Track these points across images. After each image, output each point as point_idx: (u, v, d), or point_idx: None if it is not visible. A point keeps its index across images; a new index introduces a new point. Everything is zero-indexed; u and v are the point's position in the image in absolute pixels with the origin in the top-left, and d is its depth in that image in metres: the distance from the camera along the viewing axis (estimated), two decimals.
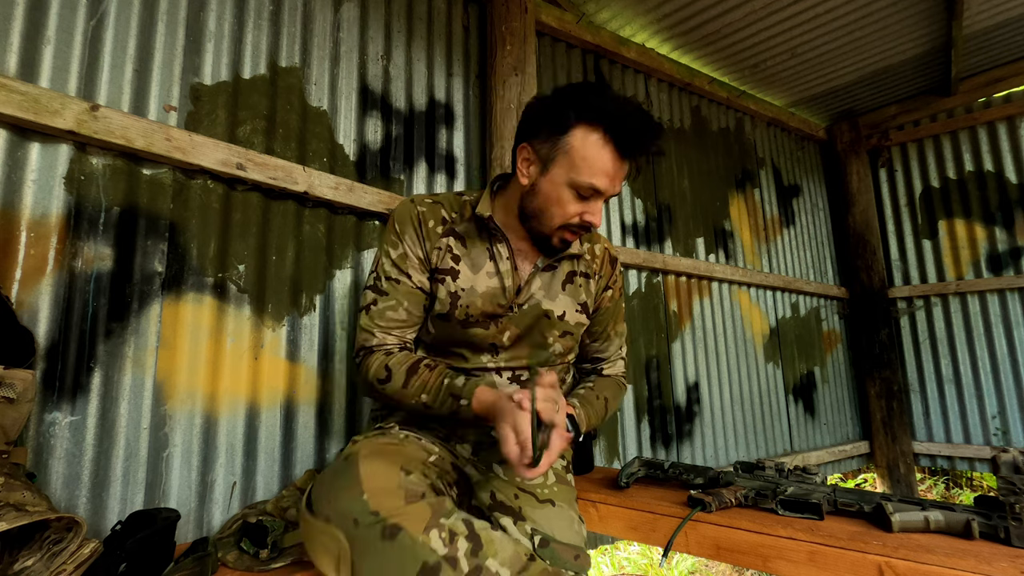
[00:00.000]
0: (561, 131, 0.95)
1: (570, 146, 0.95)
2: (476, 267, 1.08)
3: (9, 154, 1.12)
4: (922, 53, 2.83)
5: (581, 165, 0.95)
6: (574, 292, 1.15)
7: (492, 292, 1.07)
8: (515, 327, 1.09)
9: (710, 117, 3.06)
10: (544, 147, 0.98)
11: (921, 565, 0.93)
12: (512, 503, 1.00)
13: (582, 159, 0.95)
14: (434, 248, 1.08)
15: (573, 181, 0.96)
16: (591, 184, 0.96)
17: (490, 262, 1.09)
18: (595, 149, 0.94)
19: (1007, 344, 3.11)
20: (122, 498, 1.17)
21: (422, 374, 1.00)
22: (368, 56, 1.77)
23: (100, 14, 1.26)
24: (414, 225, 1.08)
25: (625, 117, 0.93)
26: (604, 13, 2.43)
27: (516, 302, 1.09)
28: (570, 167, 0.96)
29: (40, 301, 1.11)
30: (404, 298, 1.06)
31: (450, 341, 1.09)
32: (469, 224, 1.10)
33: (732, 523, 1.18)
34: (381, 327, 1.05)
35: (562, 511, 1.03)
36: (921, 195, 3.48)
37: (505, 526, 0.96)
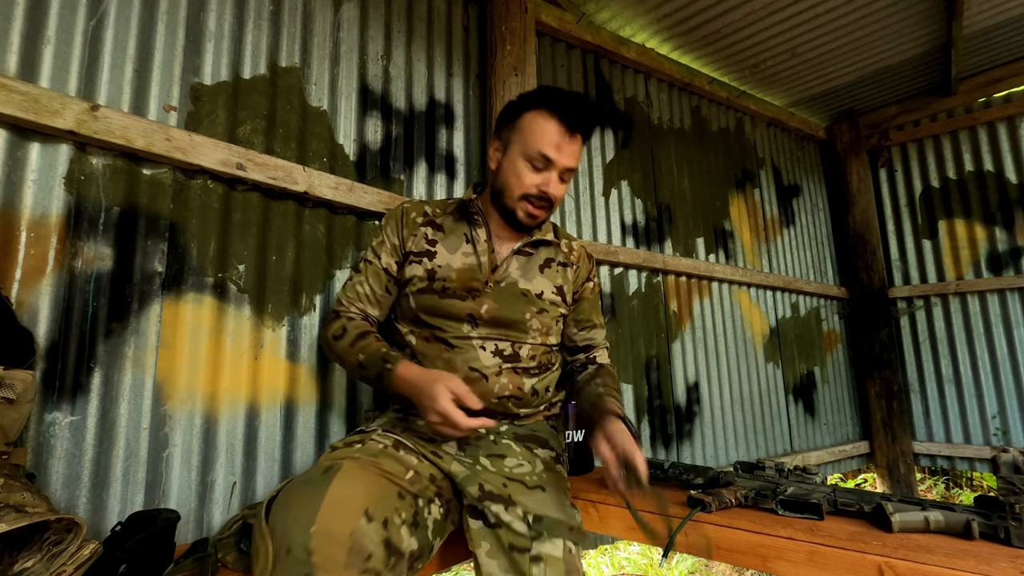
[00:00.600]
0: (515, 117, 1.17)
1: (522, 126, 1.15)
2: (452, 248, 1.22)
3: (9, 154, 1.12)
4: (922, 53, 2.83)
5: (530, 138, 1.13)
6: (551, 275, 1.27)
7: (468, 267, 1.20)
8: (492, 301, 1.19)
9: (710, 117, 3.06)
10: (504, 133, 1.20)
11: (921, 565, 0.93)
12: (501, 491, 1.01)
13: (531, 133, 1.14)
14: (411, 235, 1.23)
15: (526, 153, 1.14)
16: (540, 151, 1.12)
17: (467, 244, 1.23)
18: (540, 122, 1.13)
19: (1007, 344, 3.12)
20: (122, 498, 1.17)
21: (368, 340, 1.12)
22: (368, 56, 1.77)
23: (100, 14, 1.26)
24: (396, 218, 1.26)
25: (562, 95, 1.15)
26: (604, 13, 2.43)
27: (492, 279, 1.20)
28: (523, 143, 1.14)
29: (40, 301, 1.11)
30: (371, 276, 1.23)
31: (431, 311, 1.18)
32: (450, 215, 1.27)
33: (732, 523, 1.18)
34: (348, 298, 1.23)
35: (553, 495, 1.04)
36: (921, 195, 3.48)
37: (497, 513, 0.97)
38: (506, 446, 1.12)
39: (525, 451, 1.13)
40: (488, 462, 1.08)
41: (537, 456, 1.13)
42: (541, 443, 1.18)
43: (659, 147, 2.74)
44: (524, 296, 1.21)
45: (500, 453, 1.10)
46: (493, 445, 1.11)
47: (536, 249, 1.28)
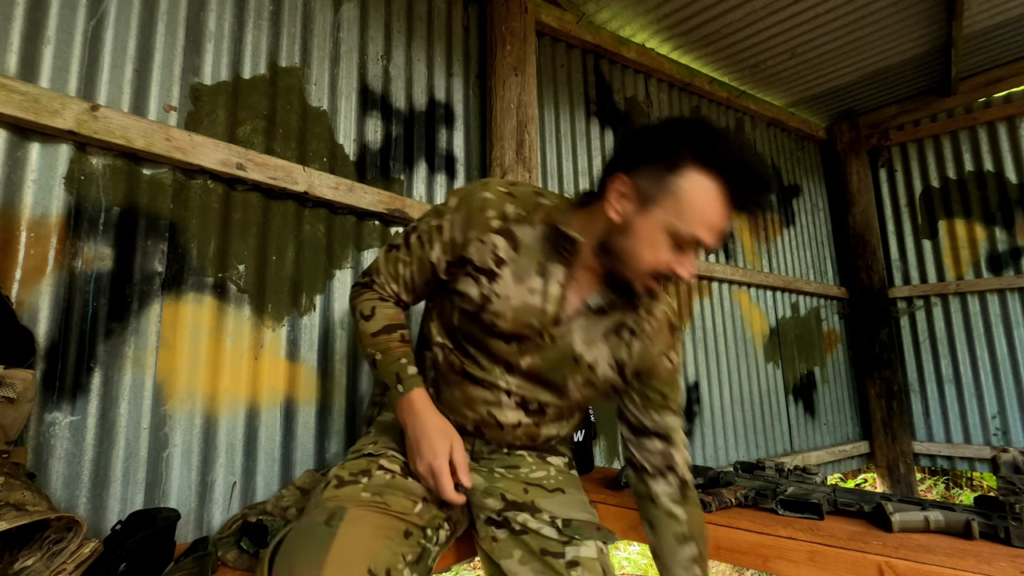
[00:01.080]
0: (670, 169, 0.84)
1: (679, 188, 0.83)
2: (519, 278, 0.97)
3: (9, 154, 1.12)
4: (922, 53, 2.83)
5: (688, 213, 0.84)
6: (615, 345, 1.02)
7: (527, 310, 0.97)
8: (537, 358, 1.00)
9: (710, 117, 3.06)
10: (646, 183, 0.86)
11: (921, 565, 0.93)
12: (524, 498, 1.01)
13: (690, 206, 0.83)
14: (478, 239, 0.97)
15: (674, 228, 0.84)
16: (694, 235, 0.84)
17: (538, 278, 0.97)
18: (707, 197, 0.83)
19: (1007, 344, 3.11)
20: (122, 498, 1.17)
21: (392, 338, 1.02)
22: (368, 56, 1.77)
23: (100, 14, 1.26)
24: (468, 207, 0.98)
25: (746, 168, 0.84)
26: (604, 13, 2.43)
27: (550, 332, 0.98)
28: (675, 212, 0.84)
29: (40, 301, 1.11)
30: (415, 263, 1.03)
31: (470, 339, 1.02)
32: (533, 229, 0.98)
33: (732, 523, 1.18)
34: (388, 273, 1.06)
35: (572, 496, 1.05)
36: (921, 195, 3.48)
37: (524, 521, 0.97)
38: (519, 457, 1.10)
39: (538, 460, 1.12)
40: (504, 470, 1.07)
41: (551, 464, 1.12)
42: (551, 451, 1.17)
43: None
44: (575, 362, 1.00)
45: (514, 464, 1.08)
46: (507, 457, 1.10)
47: (611, 306, 1.01)
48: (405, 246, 1.04)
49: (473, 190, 1.00)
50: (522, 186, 1.03)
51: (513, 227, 0.97)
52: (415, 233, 1.03)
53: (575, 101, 2.41)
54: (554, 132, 2.30)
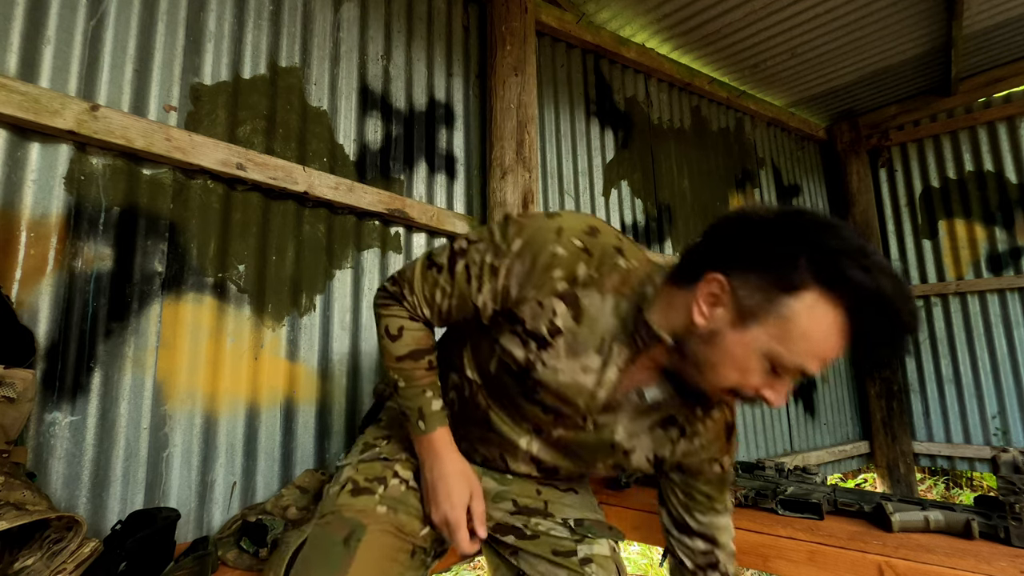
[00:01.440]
0: (784, 288, 0.67)
1: (792, 312, 0.67)
2: (574, 352, 0.83)
3: (9, 154, 1.12)
4: (922, 53, 2.83)
5: (798, 343, 0.68)
6: (659, 440, 0.91)
7: (576, 389, 0.84)
8: (572, 434, 0.91)
9: (710, 117, 3.06)
10: (749, 295, 0.70)
11: (921, 565, 0.93)
12: (536, 502, 1.00)
13: (802, 336, 0.68)
14: (535, 300, 0.81)
15: (776, 355, 0.70)
16: (800, 367, 0.70)
17: (595, 356, 0.83)
18: (826, 330, 0.68)
19: (1007, 344, 3.11)
20: (122, 498, 1.17)
21: (419, 365, 0.92)
22: (368, 56, 1.77)
23: (100, 14, 1.26)
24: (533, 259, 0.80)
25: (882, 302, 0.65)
26: (604, 13, 2.43)
27: (594, 418, 0.88)
28: (780, 338, 0.69)
29: (40, 301, 1.11)
30: (456, 296, 0.87)
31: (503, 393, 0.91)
32: (603, 298, 0.82)
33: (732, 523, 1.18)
34: (423, 294, 0.90)
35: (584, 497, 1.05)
36: (921, 195, 3.48)
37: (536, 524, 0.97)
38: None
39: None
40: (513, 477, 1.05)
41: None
42: None
43: (659, 147, 2.74)
44: (611, 448, 0.91)
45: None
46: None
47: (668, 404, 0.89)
48: (448, 272, 0.87)
49: (544, 240, 0.80)
50: (601, 237, 0.82)
51: (579, 292, 0.81)
52: (463, 259, 0.86)
53: (575, 101, 2.41)
54: (554, 132, 2.30)
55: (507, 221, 0.85)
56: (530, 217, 0.85)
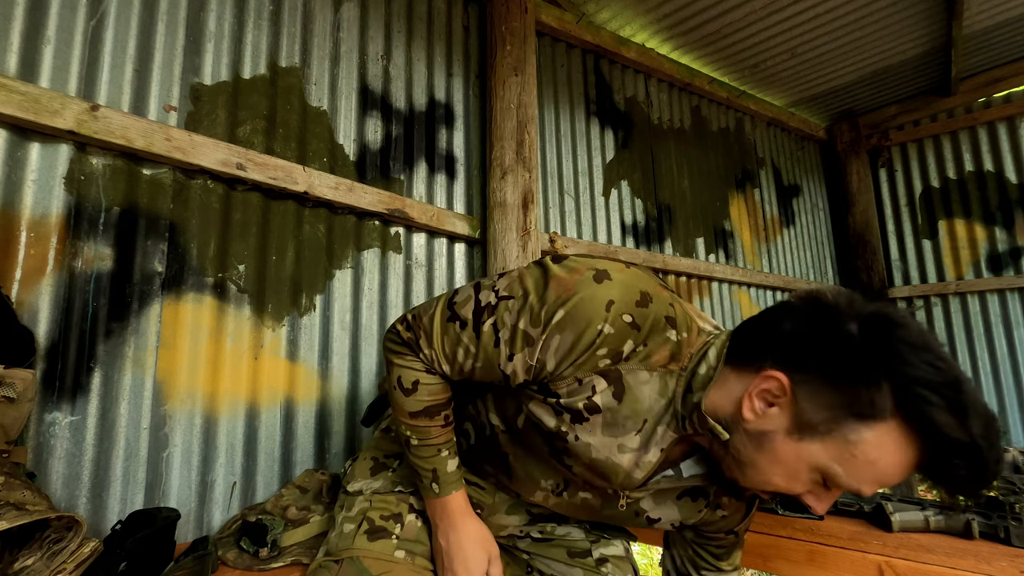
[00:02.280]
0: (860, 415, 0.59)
1: (861, 439, 0.59)
2: (612, 432, 0.74)
3: (9, 154, 1.12)
4: (922, 53, 2.83)
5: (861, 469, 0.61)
6: (684, 508, 0.85)
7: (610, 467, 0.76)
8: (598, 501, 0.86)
9: (710, 117, 3.06)
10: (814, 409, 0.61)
11: (921, 565, 0.93)
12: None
13: (867, 463, 0.60)
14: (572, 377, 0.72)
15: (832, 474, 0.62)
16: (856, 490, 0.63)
17: (636, 438, 0.74)
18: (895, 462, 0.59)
19: (1007, 344, 3.11)
20: (122, 498, 1.17)
21: (434, 423, 0.85)
22: (368, 56, 1.77)
23: (100, 14, 1.26)
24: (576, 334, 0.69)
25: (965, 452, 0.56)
26: (604, 13, 2.43)
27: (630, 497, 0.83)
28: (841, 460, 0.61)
29: (40, 301, 1.11)
30: (482, 359, 0.77)
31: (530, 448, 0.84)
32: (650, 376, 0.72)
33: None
34: (443, 353, 0.80)
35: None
36: (921, 195, 3.48)
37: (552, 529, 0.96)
38: None
39: None
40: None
41: None
42: None
43: (659, 147, 2.74)
44: (636, 516, 0.86)
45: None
46: None
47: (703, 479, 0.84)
48: (474, 330, 0.77)
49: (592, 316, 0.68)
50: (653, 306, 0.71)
51: (623, 368, 0.72)
52: (491, 318, 0.75)
53: (575, 101, 2.41)
54: (554, 132, 2.30)
55: (546, 277, 0.72)
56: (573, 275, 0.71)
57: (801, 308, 0.66)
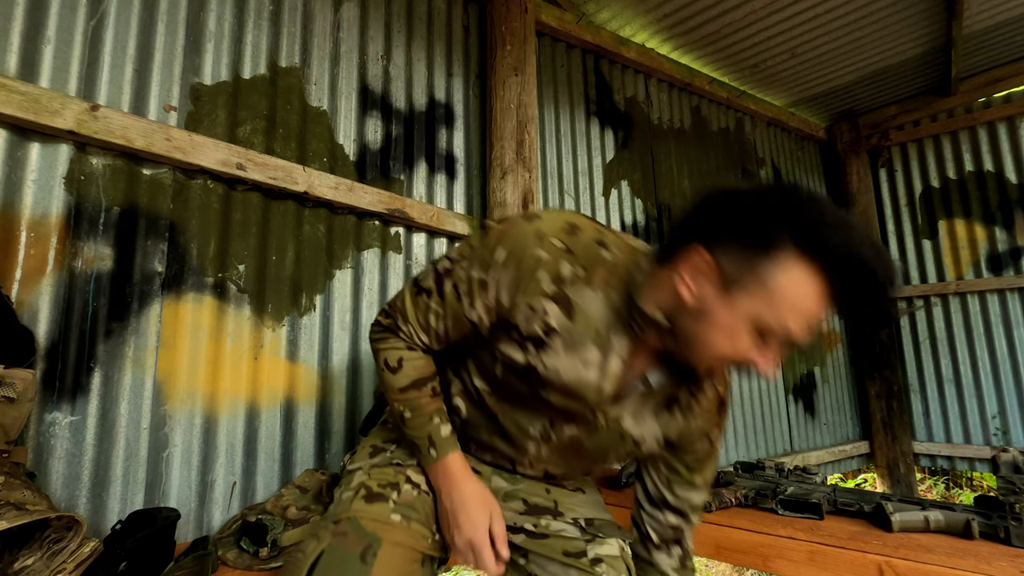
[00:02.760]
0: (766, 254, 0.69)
1: (774, 278, 0.69)
2: (572, 348, 0.84)
3: (9, 154, 1.12)
4: (922, 53, 2.83)
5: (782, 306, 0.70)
6: (665, 422, 0.93)
7: (581, 385, 0.85)
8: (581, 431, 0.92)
9: (710, 117, 3.06)
10: (732, 265, 0.71)
11: (921, 565, 0.93)
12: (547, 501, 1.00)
13: (785, 299, 0.70)
14: (526, 306, 0.83)
15: (762, 321, 0.71)
16: (785, 329, 0.71)
17: (594, 350, 0.84)
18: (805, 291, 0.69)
19: (1007, 344, 3.11)
20: (122, 498, 1.17)
21: (423, 393, 0.93)
22: (368, 56, 1.77)
23: (100, 14, 1.26)
24: (518, 267, 0.82)
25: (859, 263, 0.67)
26: (604, 13, 2.43)
27: (605, 411, 0.89)
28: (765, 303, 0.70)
29: (40, 301, 1.11)
30: (451, 316, 0.88)
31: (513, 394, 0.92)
32: (594, 293, 0.83)
33: (732, 523, 1.18)
34: (417, 322, 0.91)
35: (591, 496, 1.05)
36: (921, 195, 3.48)
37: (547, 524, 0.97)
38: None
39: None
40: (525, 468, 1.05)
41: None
42: None
43: (659, 147, 2.74)
44: (620, 438, 0.92)
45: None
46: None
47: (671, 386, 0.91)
48: (438, 294, 0.88)
49: (526, 246, 0.82)
50: (582, 234, 0.84)
51: (569, 291, 0.83)
52: (450, 279, 0.87)
53: (575, 101, 2.41)
54: (554, 132, 2.30)
55: (486, 232, 0.86)
56: (508, 224, 0.85)
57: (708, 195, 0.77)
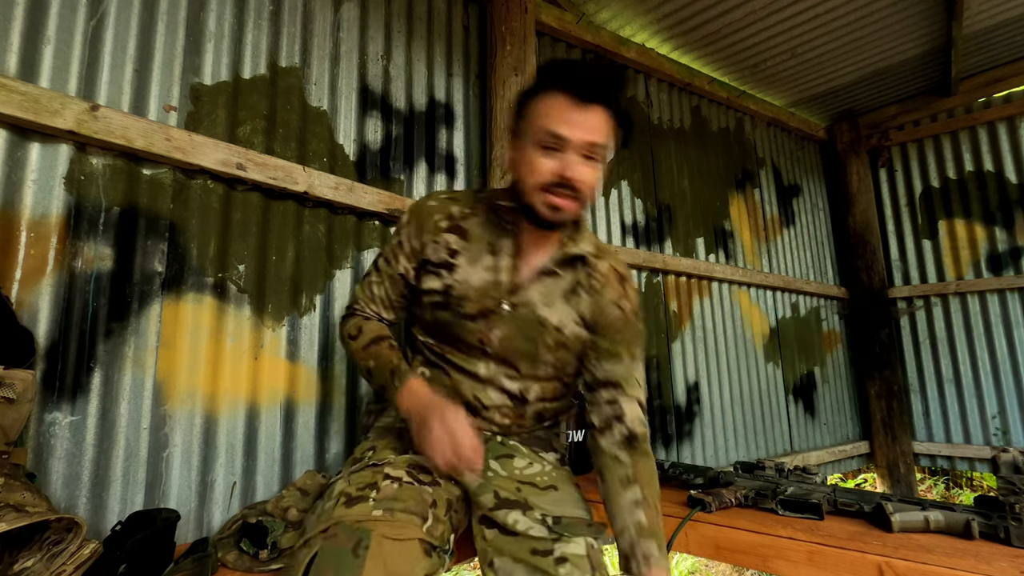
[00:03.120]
0: (524, 107, 1.01)
1: (530, 112, 0.99)
2: (474, 260, 1.08)
3: (9, 154, 1.12)
4: (922, 53, 2.83)
5: (538, 121, 0.96)
6: (575, 304, 1.09)
7: (486, 286, 1.07)
8: (505, 327, 1.07)
9: (710, 117, 3.06)
10: (516, 129, 1.04)
11: (921, 565, 0.93)
12: (517, 496, 1.00)
13: (538, 115, 0.97)
14: (432, 241, 1.09)
15: (536, 137, 0.96)
16: (550, 130, 0.95)
17: (489, 256, 1.08)
18: (548, 101, 0.96)
19: (1007, 344, 3.11)
20: (122, 498, 1.17)
21: (382, 347, 1.07)
22: (368, 56, 1.77)
23: (100, 14, 1.26)
24: (418, 218, 1.11)
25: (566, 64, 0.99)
26: (604, 13, 2.43)
27: (510, 300, 1.07)
28: (532, 129, 0.97)
29: (40, 301, 1.11)
30: (387, 279, 1.13)
31: (446, 329, 1.10)
32: (478, 218, 1.10)
33: (732, 523, 1.18)
34: (365, 296, 1.15)
35: (565, 493, 1.05)
36: (921, 195, 3.48)
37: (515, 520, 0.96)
38: (513, 447, 1.12)
39: (532, 452, 1.12)
40: (499, 465, 1.07)
41: (544, 458, 1.13)
42: (545, 446, 1.17)
43: (659, 147, 2.74)
44: (541, 326, 1.07)
45: (508, 453, 1.09)
46: (500, 447, 1.11)
47: (565, 270, 1.10)
48: (375, 270, 1.15)
49: (420, 203, 1.13)
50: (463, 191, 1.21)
51: (460, 223, 1.10)
52: (381, 257, 1.15)
53: None
54: None
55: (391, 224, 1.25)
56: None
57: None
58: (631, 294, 1.14)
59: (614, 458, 1.02)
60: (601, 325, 1.10)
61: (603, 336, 1.10)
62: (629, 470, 1.00)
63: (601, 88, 0.97)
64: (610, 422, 1.05)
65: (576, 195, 1.00)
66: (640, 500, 0.96)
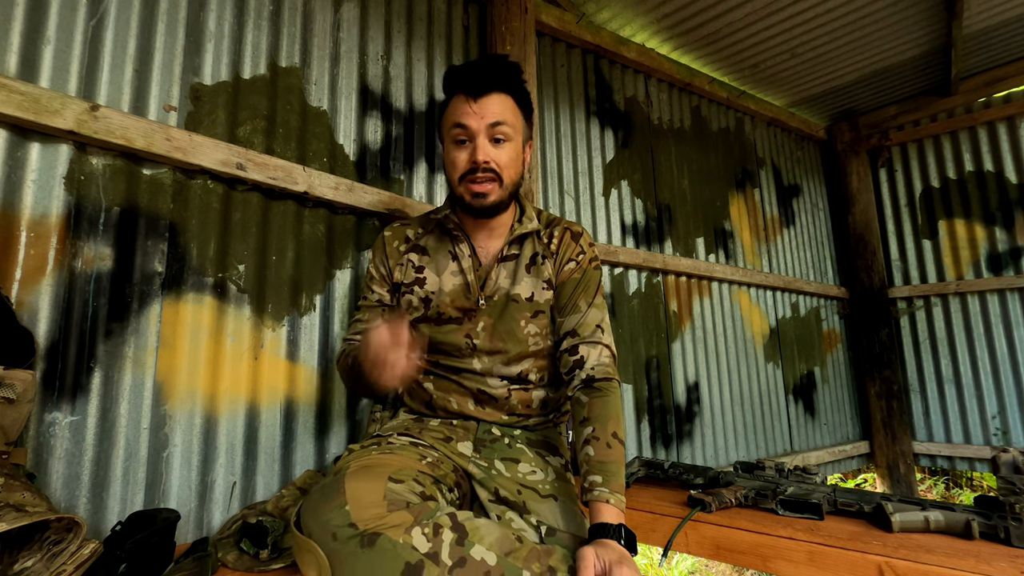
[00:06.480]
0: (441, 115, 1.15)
1: (444, 116, 1.13)
2: (440, 269, 1.18)
3: (9, 154, 1.12)
4: (922, 53, 2.83)
5: (449, 120, 1.10)
6: (537, 272, 1.19)
7: (458, 289, 1.16)
8: (487, 317, 1.15)
9: (710, 117, 3.06)
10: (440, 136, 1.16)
11: (921, 565, 0.93)
12: (516, 498, 1.01)
13: (448, 116, 1.11)
14: (397, 265, 1.21)
15: (449, 136, 1.10)
16: (454, 123, 1.07)
17: (453, 262, 1.18)
18: (454, 102, 1.10)
19: (1007, 344, 3.11)
20: (122, 498, 1.17)
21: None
22: (368, 56, 1.77)
23: (100, 14, 1.26)
24: (380, 249, 1.23)
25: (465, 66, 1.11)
26: (604, 13, 2.43)
27: (484, 295, 1.15)
28: (445, 129, 1.11)
29: (40, 301, 1.11)
30: (368, 311, 1.23)
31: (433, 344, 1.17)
32: (432, 234, 1.22)
33: (732, 523, 1.18)
34: (354, 331, 1.22)
35: (565, 505, 1.04)
36: (921, 195, 3.48)
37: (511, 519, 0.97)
38: (520, 450, 1.12)
39: (538, 458, 1.12)
40: (503, 467, 1.07)
41: (549, 464, 1.12)
42: (552, 450, 1.17)
43: (659, 147, 2.74)
44: (515, 302, 1.15)
45: (514, 457, 1.09)
46: (508, 448, 1.11)
47: (521, 247, 1.20)
48: (357, 309, 1.26)
49: (380, 237, 1.26)
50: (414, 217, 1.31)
51: (417, 242, 1.22)
52: (361, 296, 1.26)
53: (575, 101, 2.41)
54: (554, 132, 2.30)
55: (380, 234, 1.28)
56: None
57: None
58: (586, 247, 1.22)
59: (576, 401, 1.08)
60: (560, 281, 1.19)
61: (563, 293, 1.18)
62: (585, 410, 1.04)
63: (490, 78, 1.07)
64: (573, 370, 1.11)
65: (494, 176, 1.08)
66: (590, 436, 1.00)
